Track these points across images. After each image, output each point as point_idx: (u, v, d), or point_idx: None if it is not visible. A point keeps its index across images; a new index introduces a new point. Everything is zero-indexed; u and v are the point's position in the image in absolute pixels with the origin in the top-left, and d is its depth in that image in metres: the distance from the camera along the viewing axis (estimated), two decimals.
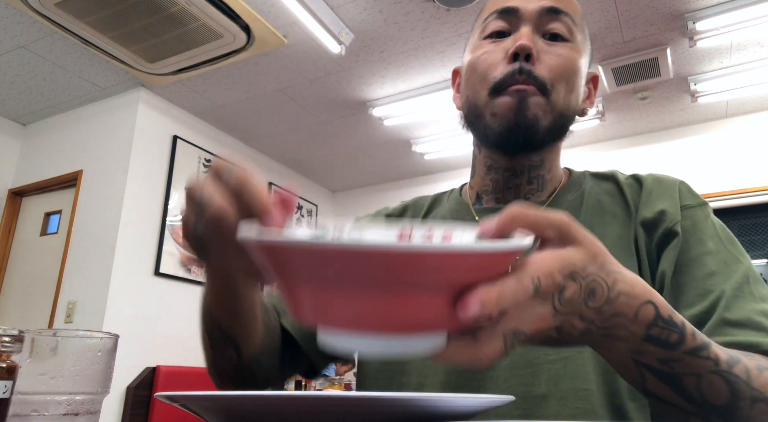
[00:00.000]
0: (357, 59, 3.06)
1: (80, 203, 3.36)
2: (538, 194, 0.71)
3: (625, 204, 0.67)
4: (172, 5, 2.56)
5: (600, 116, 3.62)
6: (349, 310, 0.29)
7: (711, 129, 3.80)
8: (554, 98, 0.64)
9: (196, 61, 3.03)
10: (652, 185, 0.67)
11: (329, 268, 0.28)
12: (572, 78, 0.65)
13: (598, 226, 0.65)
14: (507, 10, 0.67)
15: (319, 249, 0.28)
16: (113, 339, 0.47)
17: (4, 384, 0.40)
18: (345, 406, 0.27)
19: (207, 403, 0.31)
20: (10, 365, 0.40)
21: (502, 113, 0.63)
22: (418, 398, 0.28)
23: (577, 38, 0.67)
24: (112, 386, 0.51)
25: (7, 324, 3.43)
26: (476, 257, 0.28)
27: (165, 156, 3.48)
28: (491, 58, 0.66)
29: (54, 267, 3.33)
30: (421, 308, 0.28)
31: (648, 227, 0.63)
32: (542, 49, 0.64)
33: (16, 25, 2.78)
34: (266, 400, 0.27)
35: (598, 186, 0.71)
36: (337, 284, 0.28)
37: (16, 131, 3.81)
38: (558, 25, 0.66)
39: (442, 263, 0.27)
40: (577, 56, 0.66)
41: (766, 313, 0.54)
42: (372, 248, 0.27)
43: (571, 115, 0.67)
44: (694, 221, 0.62)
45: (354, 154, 4.35)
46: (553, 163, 0.72)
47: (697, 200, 0.65)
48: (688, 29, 2.74)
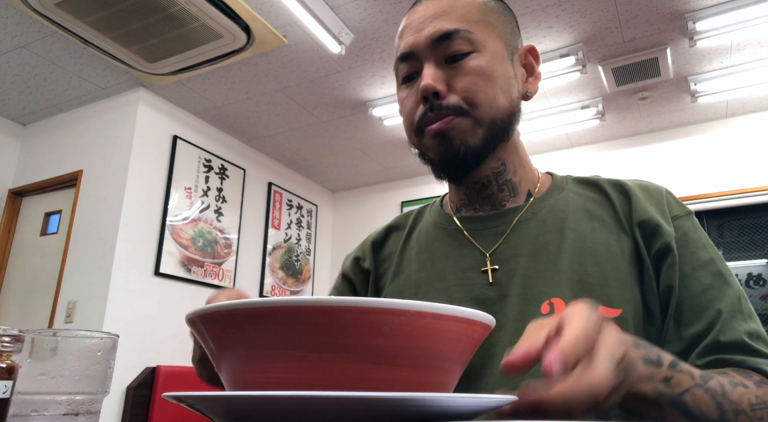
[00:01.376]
0: (357, 59, 3.06)
1: (80, 203, 3.36)
2: (513, 200, 0.71)
3: (613, 212, 0.67)
4: (172, 5, 2.56)
5: (600, 116, 3.62)
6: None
7: (711, 129, 3.80)
8: (476, 114, 0.64)
9: (196, 61, 3.03)
10: (641, 195, 0.67)
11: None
12: (489, 85, 0.65)
13: (588, 232, 0.66)
14: (405, 56, 0.68)
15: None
16: (113, 339, 0.47)
17: (4, 384, 0.40)
18: (350, 406, 0.27)
19: (214, 404, 0.30)
20: (10, 365, 0.40)
21: (433, 148, 0.66)
22: (419, 397, 0.28)
23: (481, 41, 0.66)
24: (112, 386, 0.51)
25: (7, 323, 3.43)
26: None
27: (165, 156, 3.48)
28: (409, 103, 0.68)
29: (54, 267, 3.32)
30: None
31: (645, 237, 0.63)
32: (450, 76, 0.65)
33: (16, 25, 2.78)
34: (273, 400, 0.27)
35: (582, 191, 0.71)
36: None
37: (16, 131, 3.81)
38: (454, 45, 0.65)
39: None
40: (485, 62, 0.65)
41: (752, 334, 0.57)
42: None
43: (506, 115, 0.66)
44: (684, 233, 0.63)
45: (354, 154, 4.35)
46: (518, 163, 0.71)
47: (684, 209, 0.67)
48: (688, 29, 2.74)
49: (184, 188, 3.53)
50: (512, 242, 0.67)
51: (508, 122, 0.67)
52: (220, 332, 0.33)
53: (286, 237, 4.44)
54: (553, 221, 0.67)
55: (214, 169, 3.79)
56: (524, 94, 0.70)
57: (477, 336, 0.36)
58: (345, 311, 0.30)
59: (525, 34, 2.85)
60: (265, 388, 0.31)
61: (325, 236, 5.00)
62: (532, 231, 0.67)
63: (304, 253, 4.63)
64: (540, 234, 0.66)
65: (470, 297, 0.65)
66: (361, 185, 5.07)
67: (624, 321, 0.59)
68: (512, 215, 0.69)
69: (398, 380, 0.31)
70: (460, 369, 0.36)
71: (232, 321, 0.32)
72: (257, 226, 4.16)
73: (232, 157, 3.99)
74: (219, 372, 0.36)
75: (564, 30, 2.81)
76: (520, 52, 0.72)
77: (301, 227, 4.65)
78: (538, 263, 0.64)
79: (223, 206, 3.80)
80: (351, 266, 0.82)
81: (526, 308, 0.61)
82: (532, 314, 0.60)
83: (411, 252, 0.76)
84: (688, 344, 0.57)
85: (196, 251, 3.52)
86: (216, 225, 3.72)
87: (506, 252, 0.66)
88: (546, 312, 0.60)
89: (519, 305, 0.62)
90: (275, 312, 0.30)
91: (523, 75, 0.71)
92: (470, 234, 0.70)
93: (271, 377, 0.31)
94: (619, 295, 0.60)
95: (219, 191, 3.79)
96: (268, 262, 4.16)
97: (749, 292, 3.48)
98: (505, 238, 0.67)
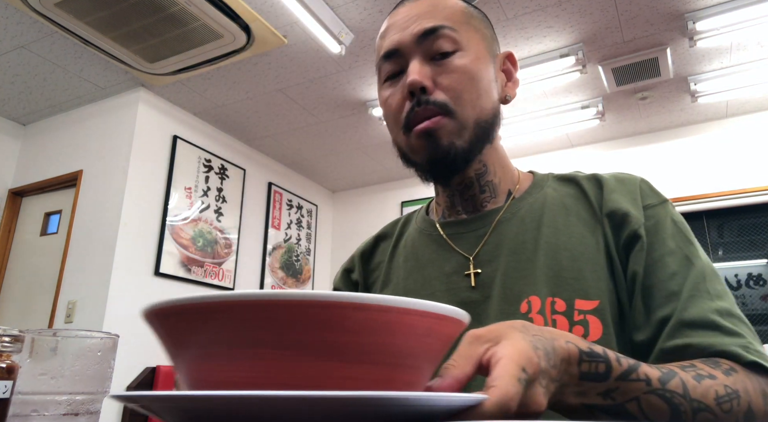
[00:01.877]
0: (357, 59, 3.06)
1: (80, 203, 3.35)
2: (493, 201, 0.72)
3: (588, 205, 0.67)
4: (172, 5, 2.56)
5: (600, 116, 3.62)
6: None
7: (711, 129, 3.80)
8: (461, 114, 0.65)
9: (196, 61, 3.03)
10: (613, 185, 0.67)
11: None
12: (473, 85, 0.66)
13: (563, 227, 0.66)
14: (389, 54, 0.68)
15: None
16: (113, 339, 0.47)
17: (4, 384, 0.40)
18: (310, 405, 0.26)
19: (166, 405, 0.28)
20: (10, 365, 0.40)
21: (420, 149, 0.66)
22: (385, 396, 0.27)
23: (465, 41, 0.67)
24: (112, 386, 0.51)
25: (7, 324, 3.43)
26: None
27: (165, 156, 3.48)
28: (395, 102, 0.68)
29: (54, 267, 3.32)
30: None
31: (614, 228, 0.64)
32: (435, 73, 0.65)
33: (16, 25, 2.78)
34: (227, 400, 0.26)
35: (561, 188, 0.72)
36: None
37: (16, 131, 3.81)
38: (440, 42, 0.66)
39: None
40: (470, 62, 0.66)
41: (721, 311, 0.55)
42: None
43: (489, 117, 0.68)
44: (657, 221, 0.63)
45: (354, 154, 4.35)
46: (498, 164, 0.72)
47: (658, 198, 0.66)
48: (688, 29, 2.74)
49: (184, 188, 3.53)
50: (492, 244, 0.68)
51: (492, 123, 0.68)
52: (172, 329, 0.32)
53: (286, 237, 4.44)
54: (531, 219, 0.68)
55: (214, 169, 3.79)
56: (503, 98, 0.71)
57: (448, 332, 0.34)
58: (304, 305, 0.29)
59: (525, 34, 2.85)
60: (221, 388, 0.29)
61: (325, 236, 5.00)
62: (511, 231, 0.68)
63: (304, 253, 4.63)
64: (519, 233, 0.67)
65: (455, 301, 0.66)
66: (361, 185, 5.07)
67: (602, 312, 0.59)
68: (492, 216, 0.70)
69: (364, 378, 0.30)
70: (431, 368, 0.35)
71: (184, 316, 0.30)
72: (257, 226, 4.16)
73: (232, 157, 3.99)
74: (176, 372, 0.34)
75: (564, 30, 2.81)
76: (500, 58, 0.73)
77: (301, 227, 4.65)
78: (517, 262, 0.65)
79: (223, 206, 3.80)
80: (341, 278, 0.84)
81: (506, 308, 0.62)
82: (512, 313, 0.62)
83: (398, 261, 0.78)
84: (655, 328, 0.57)
85: (196, 251, 3.52)
86: (216, 225, 3.71)
87: (487, 254, 0.68)
88: (525, 311, 0.61)
89: (500, 306, 0.63)
90: (229, 307, 0.29)
91: (502, 80, 0.73)
92: (452, 239, 0.72)
93: (226, 376, 0.30)
94: (595, 286, 0.60)
95: (219, 191, 3.79)
96: (268, 262, 4.16)
97: (749, 292, 3.48)
98: (486, 240, 0.69)
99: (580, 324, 0.59)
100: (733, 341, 0.53)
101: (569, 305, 0.60)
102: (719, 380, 0.48)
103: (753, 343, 0.53)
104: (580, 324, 0.59)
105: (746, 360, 0.51)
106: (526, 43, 2.93)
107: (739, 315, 0.56)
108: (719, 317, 0.55)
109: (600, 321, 0.59)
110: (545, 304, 0.61)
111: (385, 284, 0.77)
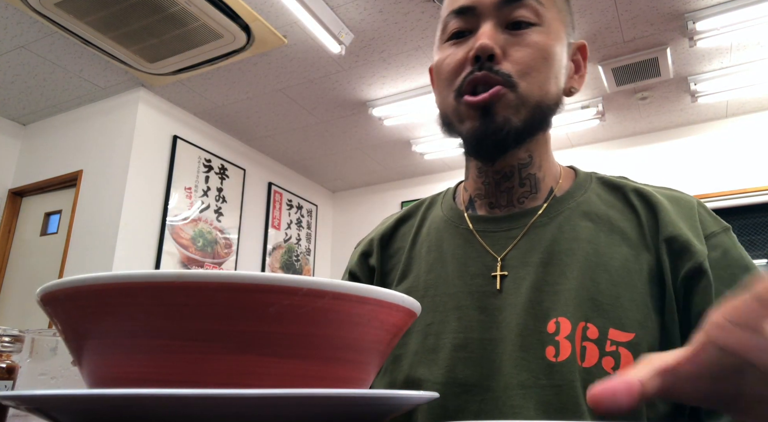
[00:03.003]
0: (357, 59, 3.06)
1: (80, 203, 3.35)
2: (532, 197, 0.65)
3: (637, 225, 0.60)
4: (172, 5, 2.56)
5: (600, 116, 3.62)
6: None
7: (711, 129, 3.79)
8: (525, 90, 0.58)
9: (196, 61, 3.03)
10: (668, 207, 0.60)
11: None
12: (545, 65, 0.60)
13: (605, 245, 0.59)
14: (463, 10, 0.62)
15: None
16: None
17: (4, 384, 0.40)
18: (222, 406, 0.22)
19: (56, 405, 0.24)
20: (10, 365, 0.40)
21: (470, 119, 0.60)
22: (306, 394, 0.23)
23: (547, 17, 0.61)
24: None
25: (7, 324, 3.43)
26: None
27: (165, 156, 3.48)
28: (454, 62, 0.62)
29: (54, 267, 3.32)
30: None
31: (672, 256, 0.57)
32: (507, 43, 0.59)
33: (16, 25, 2.78)
34: (121, 400, 0.22)
35: (605, 196, 0.65)
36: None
37: (16, 131, 3.81)
38: (521, 11, 0.60)
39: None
40: (547, 40, 0.60)
41: None
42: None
43: (551, 103, 0.62)
44: (724, 251, 0.57)
45: (354, 154, 4.35)
46: (544, 158, 0.66)
47: (720, 225, 0.60)
48: (688, 29, 2.74)
49: (184, 188, 3.53)
50: (524, 248, 0.62)
51: (551, 110, 0.62)
52: (68, 316, 0.27)
53: (286, 237, 4.44)
54: (570, 228, 0.61)
55: (214, 169, 3.79)
56: (568, 89, 0.66)
57: (394, 322, 0.30)
58: (216, 288, 0.24)
59: None
60: (123, 385, 0.26)
61: (325, 236, 5.00)
62: (545, 237, 0.61)
63: (304, 253, 4.63)
64: (554, 242, 0.61)
65: (477, 305, 0.61)
66: (361, 185, 5.07)
67: (636, 346, 0.53)
68: (528, 217, 0.64)
69: (291, 374, 0.26)
70: (375, 362, 0.31)
71: (78, 301, 0.26)
72: (257, 226, 4.16)
73: (232, 157, 3.99)
74: (77, 366, 0.30)
75: None
76: (573, 47, 0.67)
77: (301, 227, 4.65)
78: (547, 274, 0.59)
79: (223, 206, 3.80)
80: (357, 263, 0.75)
81: (531, 324, 0.57)
82: (537, 331, 0.56)
83: (421, 250, 0.70)
84: None
85: (196, 251, 3.52)
86: (216, 225, 3.71)
87: (517, 259, 0.61)
88: (552, 331, 0.55)
89: (524, 319, 0.57)
90: (128, 290, 0.25)
91: (571, 69, 0.67)
92: (482, 236, 0.65)
93: (129, 371, 0.26)
94: (632, 318, 0.54)
95: (219, 191, 3.79)
96: (268, 262, 4.16)
97: None
98: (517, 243, 0.62)
99: (611, 355, 0.53)
100: None
101: (602, 333, 0.54)
102: None
103: None
104: (610, 355, 0.53)
105: None
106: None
107: None
108: None
109: (632, 355, 0.53)
110: (576, 329, 0.55)
111: (405, 274, 0.70)
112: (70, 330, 0.28)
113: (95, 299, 0.25)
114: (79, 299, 0.26)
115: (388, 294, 0.29)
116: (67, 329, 0.28)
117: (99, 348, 0.27)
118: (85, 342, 0.27)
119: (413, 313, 0.32)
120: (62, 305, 0.27)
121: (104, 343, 0.26)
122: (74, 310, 0.27)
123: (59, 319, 0.28)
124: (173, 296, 0.24)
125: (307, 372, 0.26)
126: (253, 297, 0.25)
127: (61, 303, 0.27)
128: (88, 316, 0.26)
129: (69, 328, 0.28)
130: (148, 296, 0.25)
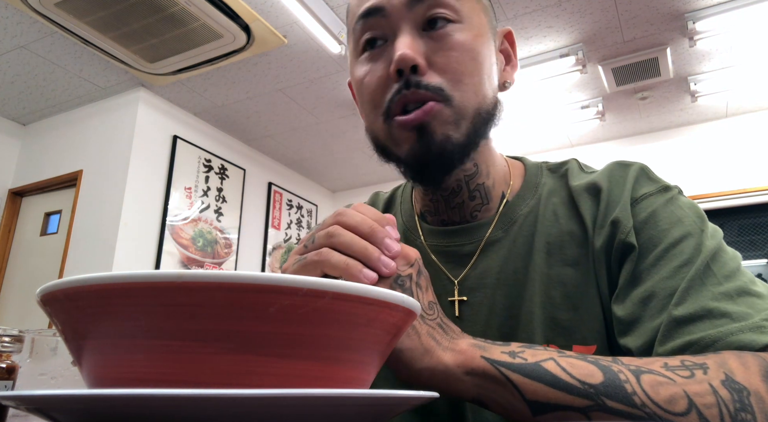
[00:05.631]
0: None
1: (80, 203, 3.35)
2: (485, 208, 0.60)
3: (579, 221, 0.56)
4: (172, 5, 2.56)
5: (600, 115, 3.62)
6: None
7: (711, 129, 3.80)
8: (460, 102, 0.52)
9: (196, 61, 3.03)
10: (608, 190, 0.55)
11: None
12: (475, 66, 0.54)
13: (556, 251, 0.55)
14: (371, 11, 0.54)
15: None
16: None
17: (4, 384, 0.40)
18: (225, 406, 0.22)
19: (56, 404, 0.24)
20: (10, 365, 0.40)
21: (406, 142, 0.53)
22: (307, 394, 0.23)
23: (465, 10, 0.54)
24: None
25: (7, 324, 3.43)
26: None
27: (165, 156, 3.48)
28: (375, 79, 0.55)
29: (54, 267, 3.32)
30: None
31: (611, 240, 0.53)
32: (430, 49, 0.53)
33: (16, 25, 2.78)
34: (120, 400, 0.22)
35: (555, 190, 0.61)
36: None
37: (16, 131, 3.81)
38: (436, 9, 0.53)
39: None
40: (471, 37, 0.54)
41: (728, 293, 0.45)
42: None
43: (490, 107, 0.56)
44: (651, 212, 0.52)
45: (354, 154, 4.35)
46: (490, 163, 0.60)
47: (655, 185, 0.55)
48: (688, 29, 2.74)
49: (184, 188, 3.53)
50: (480, 268, 0.58)
51: (492, 114, 0.56)
52: (68, 316, 0.27)
53: (286, 237, 4.44)
54: (523, 240, 0.57)
55: (214, 169, 3.79)
56: (502, 83, 0.60)
57: (394, 322, 0.30)
58: (216, 288, 0.24)
59: (525, 34, 2.85)
60: (123, 385, 0.26)
61: None
62: (500, 255, 0.57)
63: None
64: (509, 259, 0.57)
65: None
66: (361, 185, 5.07)
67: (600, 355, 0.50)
68: (482, 231, 0.59)
69: (291, 374, 0.26)
70: (376, 362, 0.31)
71: (77, 302, 0.26)
72: (257, 226, 4.16)
73: (232, 157, 3.99)
74: (77, 367, 0.30)
75: (564, 30, 2.81)
76: (498, 35, 0.61)
77: (301, 227, 4.65)
78: (504, 296, 0.56)
79: (223, 206, 3.80)
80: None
81: None
82: None
83: None
84: (649, 338, 0.46)
85: (196, 251, 3.52)
86: (216, 225, 3.72)
87: (473, 280, 0.58)
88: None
89: None
90: (128, 290, 0.25)
91: (501, 62, 0.61)
92: (438, 257, 0.61)
93: (128, 371, 0.26)
94: (593, 329, 0.52)
95: (219, 191, 3.79)
96: (268, 262, 4.16)
97: None
98: (473, 263, 0.58)
99: None
100: (740, 326, 0.42)
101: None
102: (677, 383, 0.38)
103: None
104: None
105: (759, 346, 0.41)
106: (526, 44, 2.93)
107: (755, 291, 0.45)
108: (724, 301, 0.44)
109: None
110: None
111: None
112: (70, 330, 0.28)
113: (95, 299, 0.26)
114: (79, 299, 0.26)
115: (388, 294, 0.29)
116: (67, 329, 0.28)
117: (99, 348, 0.27)
118: (85, 342, 0.27)
119: (413, 313, 0.32)
120: (62, 305, 0.27)
121: (104, 343, 0.27)
122: (74, 310, 0.27)
123: (59, 319, 0.28)
124: (173, 297, 0.24)
125: (307, 372, 0.27)
126: (253, 297, 0.25)
127: (61, 303, 0.27)
128: (88, 316, 0.26)
129: (69, 328, 0.28)
130: (148, 297, 0.25)
